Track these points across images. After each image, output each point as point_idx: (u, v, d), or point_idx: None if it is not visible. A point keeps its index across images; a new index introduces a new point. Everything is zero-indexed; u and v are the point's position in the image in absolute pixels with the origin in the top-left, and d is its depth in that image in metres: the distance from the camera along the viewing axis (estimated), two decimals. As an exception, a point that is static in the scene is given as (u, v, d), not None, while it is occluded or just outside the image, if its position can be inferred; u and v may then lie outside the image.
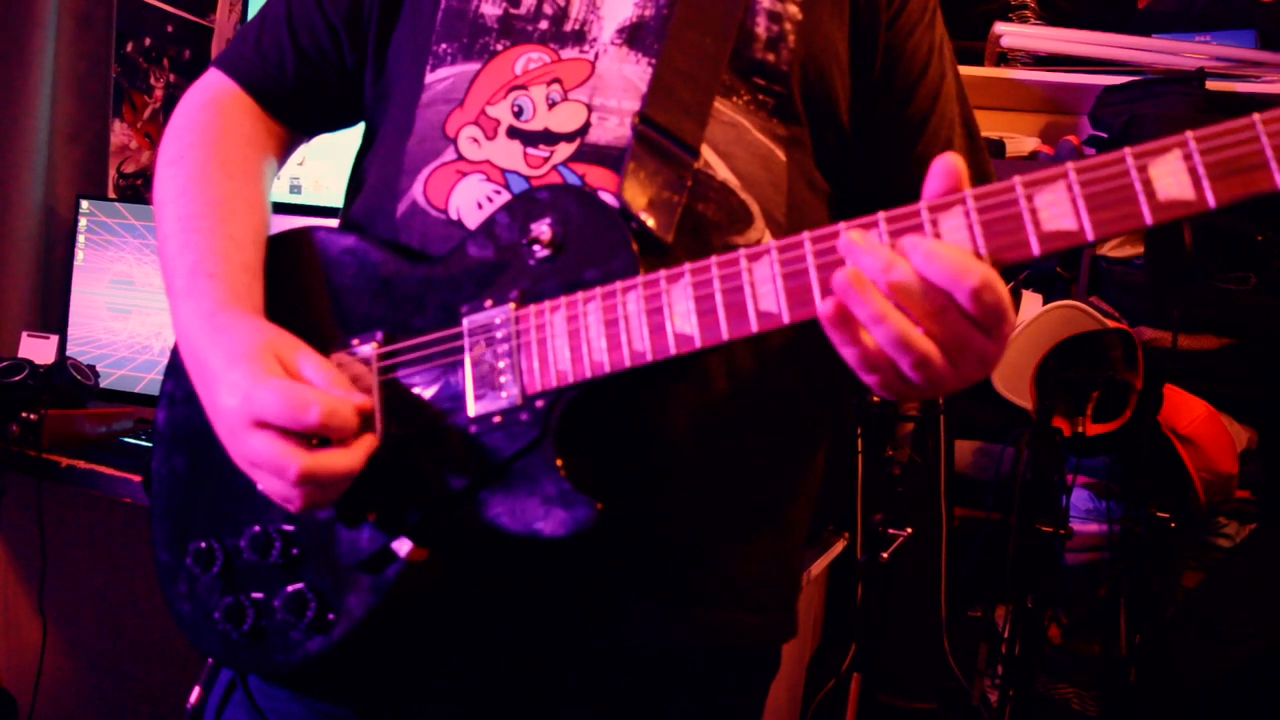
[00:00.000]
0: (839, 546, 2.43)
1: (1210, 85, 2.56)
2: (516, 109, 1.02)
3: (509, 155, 1.01)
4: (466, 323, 0.93)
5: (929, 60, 1.11)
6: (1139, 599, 2.40)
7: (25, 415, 2.18)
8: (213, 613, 1.00)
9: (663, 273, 0.86)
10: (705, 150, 0.99)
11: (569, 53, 1.02)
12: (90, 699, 2.68)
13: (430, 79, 1.06)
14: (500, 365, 0.91)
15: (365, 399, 0.92)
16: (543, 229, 0.92)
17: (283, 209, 1.13)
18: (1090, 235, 0.73)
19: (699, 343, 0.84)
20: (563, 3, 1.04)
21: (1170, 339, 2.41)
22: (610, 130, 0.99)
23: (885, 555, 2.28)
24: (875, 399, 2.47)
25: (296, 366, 0.93)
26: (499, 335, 0.92)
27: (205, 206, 1.05)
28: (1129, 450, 2.38)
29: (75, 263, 2.59)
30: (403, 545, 0.92)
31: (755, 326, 0.82)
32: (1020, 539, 2.24)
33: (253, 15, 3.02)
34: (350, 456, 0.89)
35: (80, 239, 2.58)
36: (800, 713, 2.65)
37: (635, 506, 0.97)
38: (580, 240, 0.91)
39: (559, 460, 0.88)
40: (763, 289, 0.82)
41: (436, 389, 0.94)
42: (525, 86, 1.02)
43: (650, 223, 0.92)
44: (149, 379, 2.53)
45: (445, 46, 1.06)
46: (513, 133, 1.01)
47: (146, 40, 2.98)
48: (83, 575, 2.59)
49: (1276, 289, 2.51)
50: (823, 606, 2.81)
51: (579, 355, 0.88)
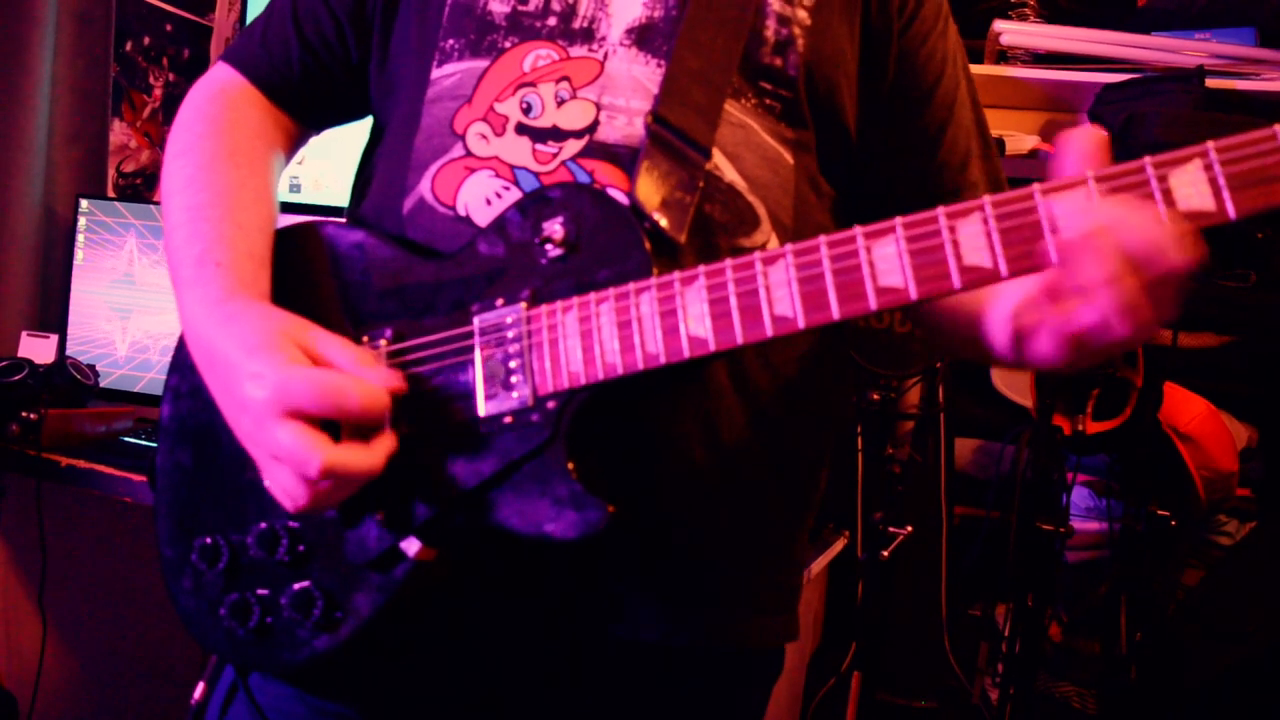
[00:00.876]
0: (839, 545, 2.43)
1: (1210, 83, 2.55)
2: (525, 106, 1.02)
3: (518, 151, 1.00)
4: (477, 321, 0.93)
5: (943, 68, 1.11)
6: (1139, 597, 2.40)
7: (25, 415, 2.18)
8: (218, 609, 1.00)
9: (677, 274, 0.85)
10: (715, 152, 0.99)
11: (577, 50, 1.02)
12: (90, 698, 2.67)
13: (436, 74, 1.06)
14: (511, 365, 0.90)
15: (396, 378, 0.91)
16: (555, 228, 0.91)
17: (283, 208, 1.13)
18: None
19: (713, 345, 0.83)
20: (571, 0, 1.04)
21: (1170, 336, 2.41)
22: (619, 129, 0.99)
23: (885, 553, 2.28)
24: (875, 396, 2.47)
25: (318, 350, 0.92)
26: (510, 335, 0.91)
27: (213, 196, 1.04)
28: (1129, 448, 2.38)
29: (75, 262, 2.58)
30: (411, 545, 0.92)
31: (770, 330, 0.82)
32: (1020, 537, 2.24)
33: (252, 14, 3.02)
34: (372, 457, 0.88)
35: (80, 238, 2.58)
36: (801, 711, 2.65)
37: (643, 509, 0.96)
38: (593, 240, 0.90)
39: (570, 462, 0.88)
40: (778, 293, 0.81)
41: (447, 388, 0.93)
42: (534, 84, 1.02)
43: (663, 223, 0.92)
44: (149, 378, 2.53)
45: (452, 42, 1.06)
46: (521, 129, 1.01)
47: (146, 39, 2.97)
48: (82, 574, 2.58)
49: (1277, 286, 2.51)
50: (823, 605, 2.81)
51: (591, 356, 0.87)
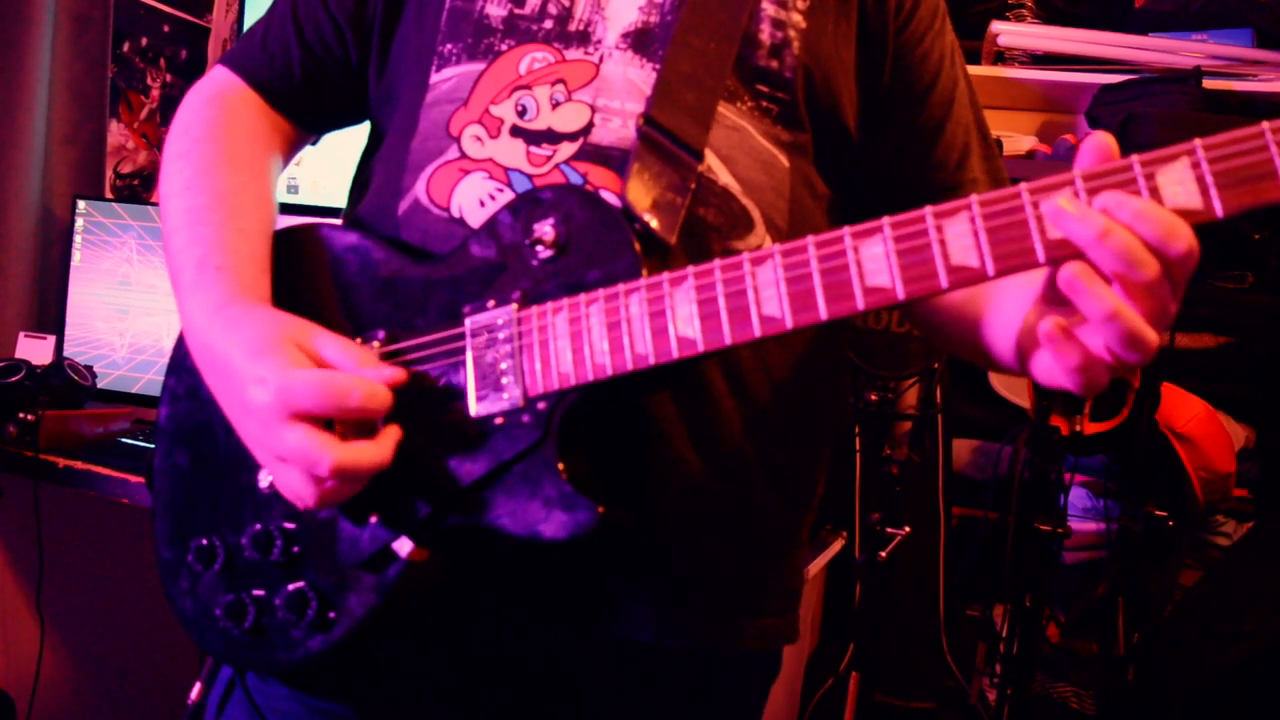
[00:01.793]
0: (837, 545, 2.42)
1: (1207, 84, 2.56)
2: (520, 108, 1.02)
3: (512, 154, 1.01)
4: (469, 323, 0.93)
5: (940, 67, 1.11)
6: (1137, 597, 2.40)
7: (22, 416, 2.18)
8: (214, 610, 1.00)
9: (666, 275, 0.86)
10: (708, 154, 0.99)
11: (573, 53, 1.02)
12: (88, 699, 2.67)
13: (435, 79, 1.06)
14: (502, 366, 0.91)
15: (396, 372, 0.91)
16: (546, 229, 0.92)
17: (280, 209, 1.13)
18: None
19: (701, 346, 0.83)
20: (567, 3, 1.04)
21: (1168, 337, 2.41)
22: (613, 131, 0.99)
23: (883, 554, 2.28)
24: (873, 397, 2.47)
25: (317, 350, 0.92)
26: (501, 336, 0.91)
27: (212, 200, 1.04)
28: (1127, 449, 2.38)
29: (72, 263, 2.58)
30: (404, 545, 0.92)
31: (759, 331, 0.82)
32: (1018, 538, 2.24)
33: (250, 16, 3.02)
34: (380, 450, 0.89)
35: (77, 239, 2.58)
36: (798, 712, 2.65)
37: (636, 510, 0.97)
38: (583, 241, 0.91)
39: (560, 463, 0.88)
40: (766, 293, 0.81)
41: (438, 389, 0.94)
42: (529, 86, 1.02)
43: (653, 224, 0.92)
44: (146, 379, 2.53)
45: (450, 47, 1.06)
46: (516, 131, 1.01)
47: (143, 40, 2.98)
48: (80, 576, 2.58)
49: (1274, 287, 2.52)
50: (821, 606, 2.81)
51: (581, 357, 0.87)
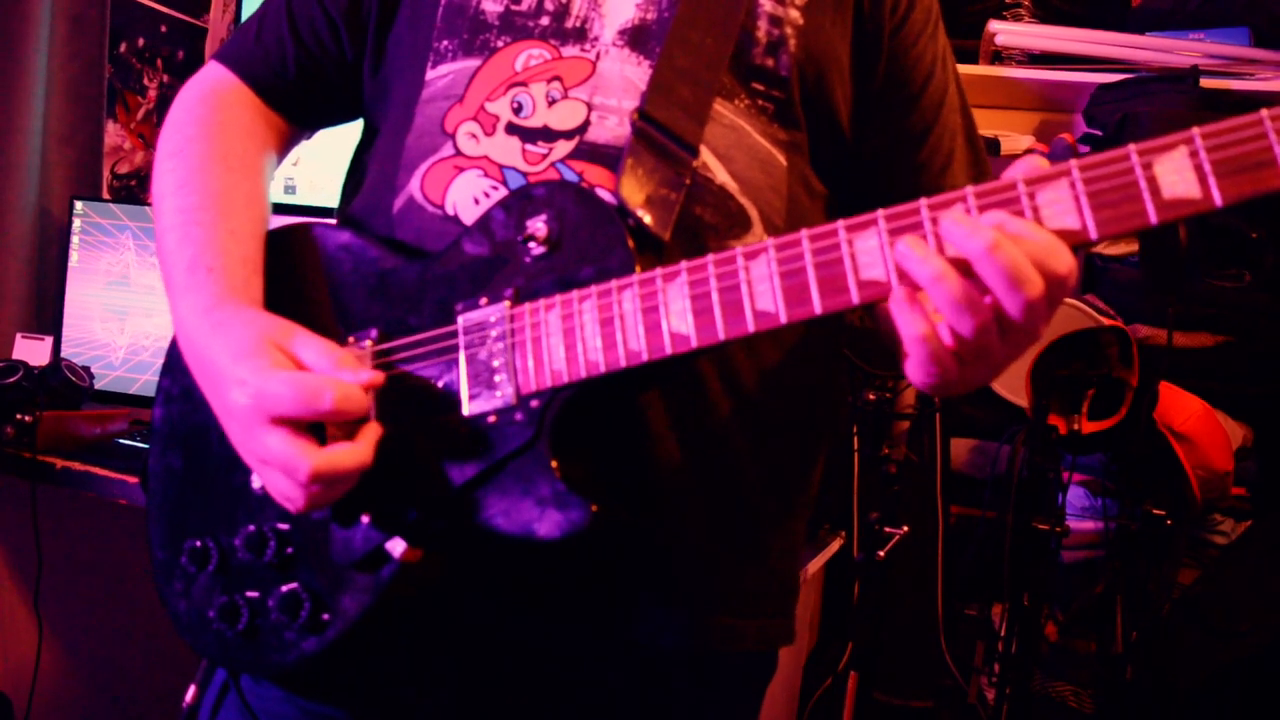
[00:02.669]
0: (835, 545, 2.42)
1: (1204, 83, 2.55)
2: (516, 105, 1.01)
3: (507, 151, 1.00)
4: (461, 321, 0.93)
5: (932, 70, 1.11)
6: (1135, 596, 2.40)
7: (20, 417, 2.17)
8: (208, 612, 1.00)
9: (659, 271, 0.85)
10: (704, 152, 0.99)
11: (570, 50, 1.02)
12: (86, 700, 2.67)
13: (431, 76, 1.06)
14: (495, 364, 0.90)
15: (373, 375, 0.91)
16: (538, 226, 0.91)
17: (277, 209, 1.13)
18: (1094, 234, 0.72)
19: (695, 342, 0.83)
20: None
21: (1165, 336, 2.40)
22: (609, 129, 0.99)
23: (882, 554, 2.28)
24: (871, 396, 2.47)
25: (295, 352, 0.92)
26: (494, 334, 0.91)
27: (204, 200, 1.04)
28: (1124, 448, 2.38)
29: (70, 264, 2.58)
30: (397, 546, 0.91)
31: (752, 326, 0.81)
32: (1016, 537, 2.24)
33: (246, 15, 3.02)
34: (359, 452, 0.88)
35: (74, 240, 2.57)
36: (797, 711, 2.64)
37: (630, 508, 0.96)
38: (576, 237, 0.90)
39: (554, 461, 0.88)
40: (760, 288, 0.81)
41: (431, 387, 0.93)
42: (525, 83, 1.02)
43: (647, 219, 0.92)
44: (144, 380, 2.52)
45: (446, 43, 1.05)
46: (511, 129, 1.01)
47: (140, 40, 2.97)
48: (78, 577, 2.58)
49: (1271, 286, 2.51)
50: (819, 605, 2.81)
51: (574, 355, 0.87)
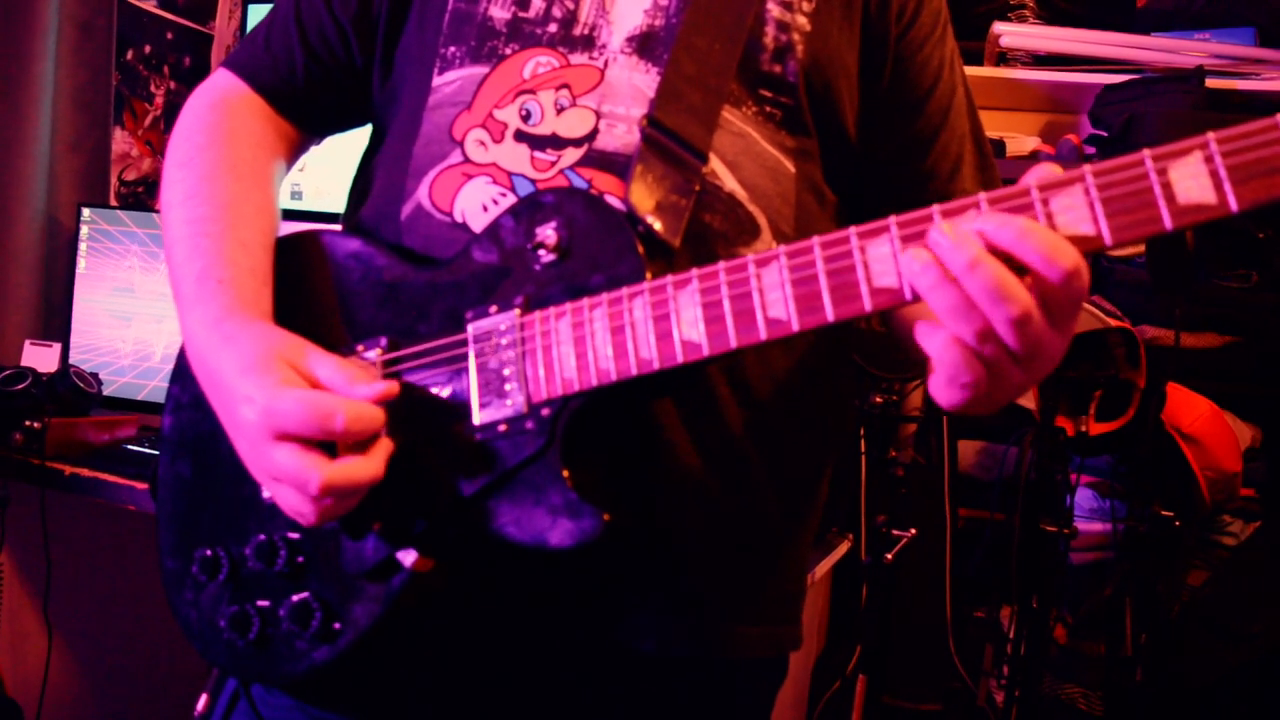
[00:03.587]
0: (843, 548, 2.42)
1: (1210, 83, 2.55)
2: (524, 113, 1.01)
3: (516, 158, 1.00)
4: (471, 329, 0.93)
5: (939, 74, 1.11)
6: (1144, 598, 2.39)
7: (29, 424, 2.18)
8: (218, 621, 1.00)
9: (670, 279, 0.85)
10: (713, 160, 0.99)
11: (578, 58, 1.02)
12: (95, 707, 2.67)
13: (438, 82, 1.06)
14: (505, 373, 0.90)
15: (386, 385, 0.90)
16: (548, 233, 0.91)
17: (284, 215, 1.13)
18: (1109, 240, 0.71)
19: (707, 351, 0.82)
20: (572, 6, 1.04)
21: (1173, 337, 2.40)
22: (618, 137, 0.99)
23: (889, 556, 2.27)
24: (878, 399, 2.47)
25: (310, 370, 0.91)
26: (504, 342, 0.91)
27: (213, 210, 1.04)
28: (1133, 449, 2.37)
29: (77, 271, 2.59)
30: (408, 555, 0.91)
31: (764, 334, 0.80)
32: (1024, 539, 2.23)
33: (252, 22, 3.03)
34: (370, 465, 0.87)
35: (82, 247, 2.58)
36: (806, 715, 2.64)
37: (642, 517, 0.96)
38: (586, 244, 0.90)
39: (565, 470, 0.87)
40: (771, 296, 0.80)
41: (441, 396, 0.93)
42: (534, 91, 1.02)
43: (657, 226, 0.91)
44: (152, 386, 2.53)
45: (453, 50, 1.05)
46: (520, 136, 1.01)
47: (147, 48, 2.98)
48: (87, 583, 2.58)
49: (1278, 286, 2.51)
50: (827, 608, 2.81)
51: (585, 363, 0.87)
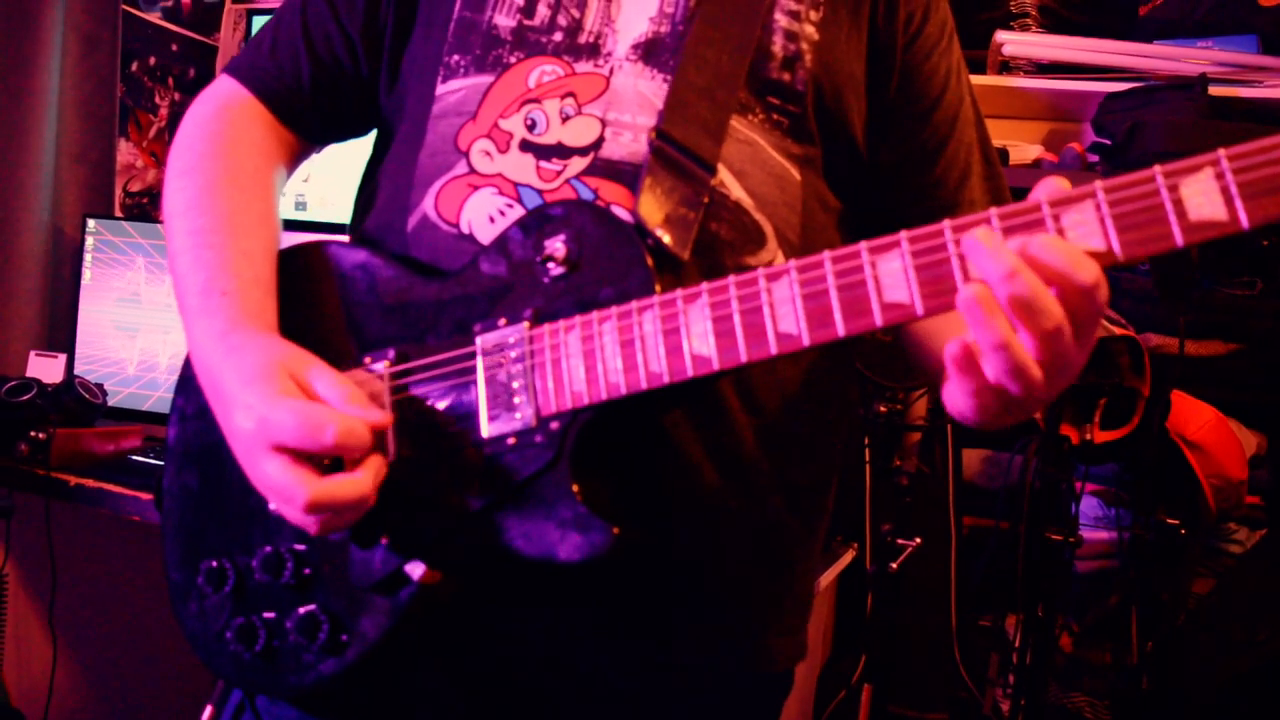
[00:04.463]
0: (848, 557, 2.42)
1: (1213, 91, 2.55)
2: (530, 122, 1.01)
3: (522, 169, 1.00)
4: (480, 341, 0.92)
5: (946, 84, 1.10)
6: (1149, 606, 2.39)
7: (34, 434, 2.19)
8: (224, 633, 1.00)
9: (680, 292, 0.84)
10: (720, 168, 0.99)
11: (583, 66, 1.02)
12: (100, 718, 2.67)
13: (441, 90, 1.05)
14: (514, 385, 0.90)
15: (381, 415, 0.90)
16: (557, 246, 0.91)
17: (288, 225, 1.12)
18: (1120, 256, 0.71)
19: (717, 364, 0.82)
20: (577, 14, 1.04)
21: (1177, 345, 2.40)
22: (624, 146, 0.99)
23: (894, 565, 2.28)
24: (882, 408, 2.47)
25: (310, 383, 0.91)
26: (513, 355, 0.90)
27: (216, 221, 1.04)
28: (1137, 457, 2.37)
29: (82, 281, 2.59)
30: (416, 568, 0.91)
31: (774, 349, 0.80)
32: (1030, 547, 2.23)
33: (256, 34, 3.04)
34: (358, 484, 0.87)
35: (87, 258, 2.59)
36: (811, 724, 2.64)
37: (650, 530, 0.96)
38: (595, 257, 0.90)
39: (574, 484, 0.87)
40: (782, 310, 0.80)
41: (449, 409, 0.93)
42: (539, 100, 1.01)
43: (666, 239, 0.91)
44: (157, 396, 2.53)
45: (458, 58, 1.05)
46: (525, 146, 1.01)
47: (151, 59, 2.99)
48: (92, 593, 2.59)
49: (1283, 294, 2.51)
50: (832, 617, 2.80)
51: (594, 376, 0.86)
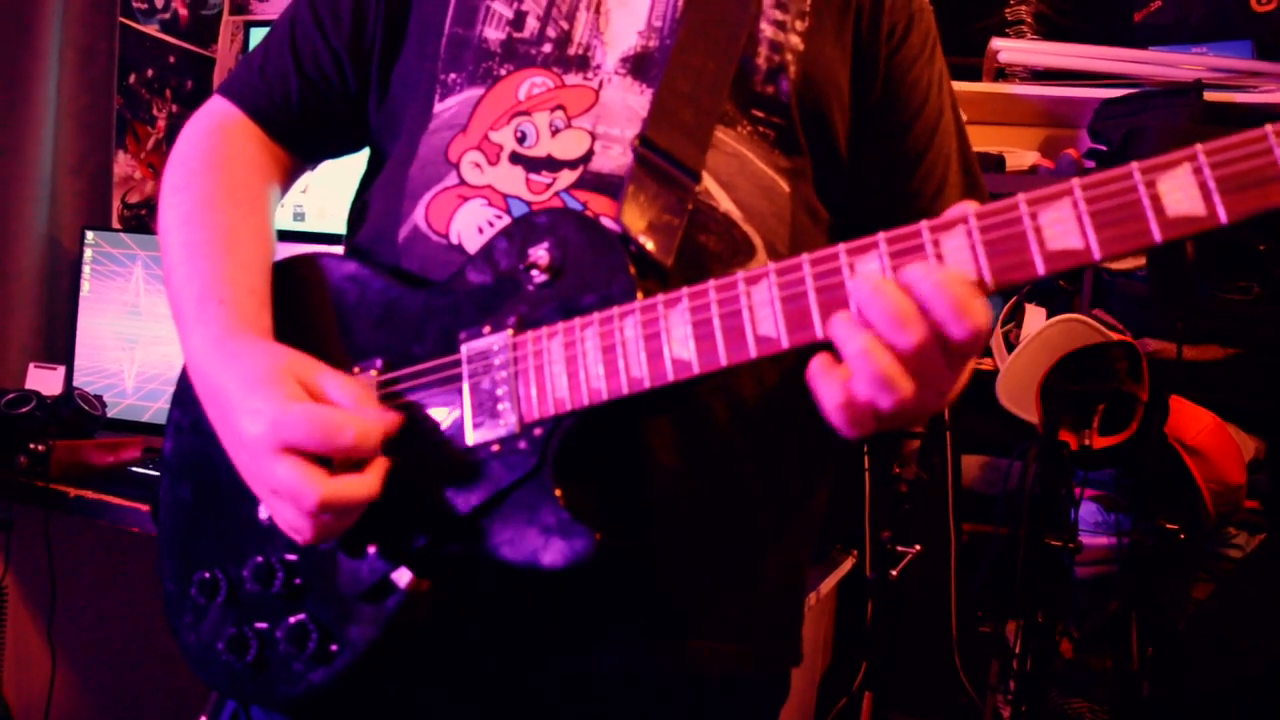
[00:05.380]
0: (848, 564, 2.42)
1: (1208, 96, 2.56)
2: (520, 135, 1.02)
3: (511, 181, 1.01)
4: (465, 350, 0.93)
5: (928, 95, 1.11)
6: (1149, 612, 2.38)
7: (33, 446, 2.19)
8: (217, 643, 1.00)
9: (660, 298, 0.85)
10: (708, 180, 0.99)
11: (573, 78, 1.02)
12: (100, 729, 2.67)
13: (439, 108, 1.06)
14: (498, 393, 0.90)
15: (393, 417, 0.91)
16: (540, 254, 0.91)
17: (286, 236, 1.13)
18: (1097, 254, 0.71)
19: (697, 369, 0.82)
20: (566, 26, 1.04)
21: (1175, 350, 2.40)
22: (613, 159, 0.99)
23: (894, 572, 2.27)
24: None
25: (320, 387, 0.92)
26: (497, 362, 0.91)
27: (211, 234, 1.04)
28: (1136, 462, 2.37)
29: (81, 293, 2.60)
30: (402, 576, 0.91)
31: (754, 351, 0.80)
32: (1029, 553, 2.23)
33: (254, 45, 3.06)
34: (368, 483, 0.88)
35: (86, 270, 2.60)
36: (812, 732, 2.63)
37: (633, 536, 0.96)
38: (578, 265, 0.90)
39: (557, 490, 0.87)
40: (761, 313, 0.80)
41: (436, 417, 0.93)
42: (529, 112, 1.02)
43: (649, 246, 0.92)
44: (156, 408, 2.54)
45: (454, 76, 1.06)
46: (515, 158, 1.01)
47: (149, 71, 3.00)
48: (91, 606, 2.58)
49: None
50: (832, 625, 2.80)
51: (577, 382, 0.87)
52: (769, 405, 1.03)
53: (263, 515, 1.00)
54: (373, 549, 0.93)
